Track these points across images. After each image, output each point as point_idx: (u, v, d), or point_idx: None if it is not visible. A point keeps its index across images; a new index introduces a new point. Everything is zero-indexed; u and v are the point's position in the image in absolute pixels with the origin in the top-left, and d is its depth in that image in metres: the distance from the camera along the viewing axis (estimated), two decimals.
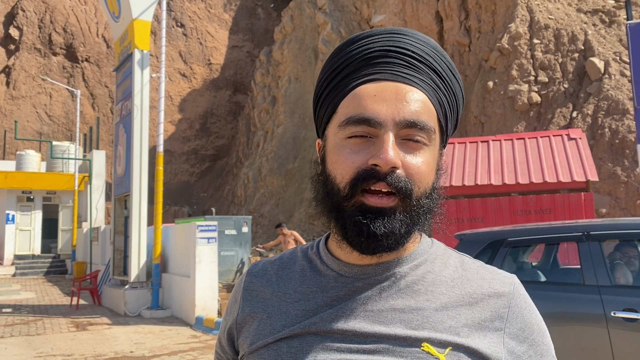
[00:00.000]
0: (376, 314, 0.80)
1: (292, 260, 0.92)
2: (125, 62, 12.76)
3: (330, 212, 0.82)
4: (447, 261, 0.87)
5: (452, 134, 0.91)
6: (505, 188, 9.30)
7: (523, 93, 17.29)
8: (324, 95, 0.86)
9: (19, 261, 22.36)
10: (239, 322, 0.90)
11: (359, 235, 0.78)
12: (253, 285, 0.91)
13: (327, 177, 0.82)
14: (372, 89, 0.80)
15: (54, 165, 24.04)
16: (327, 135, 0.85)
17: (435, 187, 0.83)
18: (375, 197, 0.77)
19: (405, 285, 0.82)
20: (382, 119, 0.77)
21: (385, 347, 0.77)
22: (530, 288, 4.67)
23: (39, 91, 36.05)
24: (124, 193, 12.51)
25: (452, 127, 0.90)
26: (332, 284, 0.84)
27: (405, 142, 0.79)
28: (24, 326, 10.29)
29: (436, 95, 0.83)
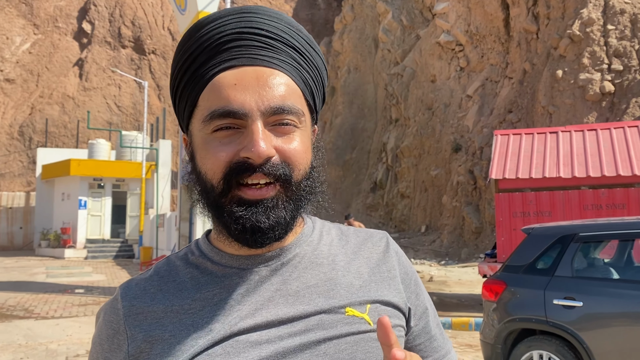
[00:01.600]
0: (294, 296, 0.78)
1: (172, 272, 0.82)
2: None
3: (209, 211, 0.77)
4: (330, 232, 0.89)
5: (322, 107, 0.88)
6: (575, 181, 8.93)
7: (595, 82, 16.49)
8: (180, 87, 0.80)
9: (90, 245, 23.54)
10: (133, 354, 0.75)
11: (243, 232, 0.74)
12: (135, 309, 0.78)
13: (199, 175, 0.77)
14: (231, 78, 0.74)
15: (122, 154, 25.11)
16: (192, 131, 0.79)
17: (314, 166, 0.81)
18: (253, 190, 0.74)
19: (309, 262, 0.82)
20: (247, 109, 0.73)
21: (315, 324, 0.76)
22: (602, 285, 4.48)
23: (109, 83, 37.67)
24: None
25: (320, 102, 0.86)
26: (237, 279, 0.78)
27: (276, 128, 0.75)
28: (95, 307, 10.85)
29: (299, 74, 0.79)
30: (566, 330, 4.46)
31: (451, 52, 24.16)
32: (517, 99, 19.86)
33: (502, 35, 21.91)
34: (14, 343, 7.65)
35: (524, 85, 19.84)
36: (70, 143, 34.00)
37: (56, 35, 38.12)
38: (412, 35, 27.73)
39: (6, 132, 34.17)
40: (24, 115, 35.08)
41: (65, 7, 38.98)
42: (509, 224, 8.94)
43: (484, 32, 22.61)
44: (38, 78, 36.44)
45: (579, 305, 4.43)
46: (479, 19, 22.86)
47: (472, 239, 19.02)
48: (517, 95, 19.94)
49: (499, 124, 19.79)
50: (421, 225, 23.67)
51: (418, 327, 0.88)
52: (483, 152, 19.95)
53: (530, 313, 4.70)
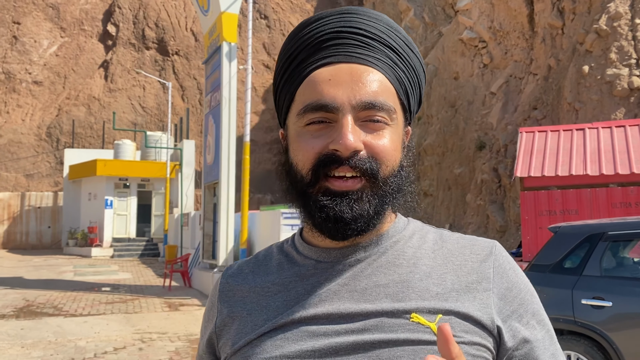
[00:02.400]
0: (360, 293, 0.78)
1: (267, 256, 0.90)
2: (214, 54, 13.22)
3: (297, 201, 0.81)
4: (426, 236, 0.86)
5: (418, 110, 0.88)
6: (602, 179, 8.78)
7: (623, 77, 16.14)
8: (281, 84, 0.85)
9: (116, 244, 23.92)
10: (218, 326, 0.86)
11: (327, 221, 0.76)
12: (229, 285, 0.88)
13: (290, 166, 0.81)
14: (326, 74, 0.78)
15: (147, 154, 25.44)
16: (288, 124, 0.84)
17: (403, 166, 0.82)
18: (339, 181, 0.76)
19: (387, 261, 0.81)
20: (338, 103, 0.76)
21: (374, 324, 0.75)
22: (632, 285, 4.40)
23: (134, 84, 38.18)
24: (213, 181, 13.02)
25: (416, 104, 0.87)
26: (312, 271, 0.82)
27: (366, 124, 0.77)
28: (122, 304, 11.03)
29: (394, 72, 0.81)
30: (595, 331, 4.39)
31: (474, 48, 23.91)
32: (542, 96, 19.55)
33: (526, 31, 21.59)
34: (44, 340, 7.83)
35: (549, 82, 19.52)
36: (96, 144, 34.58)
37: (82, 38, 38.79)
38: (434, 33, 27.53)
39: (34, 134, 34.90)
40: (52, 117, 35.79)
41: (91, 10, 39.63)
42: (534, 223, 8.82)
43: (508, 28, 22.31)
44: (65, 80, 37.13)
45: (609, 305, 4.35)
46: (502, 15, 22.56)
47: (497, 237, 18.79)
48: (542, 92, 19.63)
49: (523, 121, 19.52)
50: (445, 224, 23.48)
51: (519, 353, 0.78)
52: (507, 149, 19.69)
53: (557, 313, 4.63)
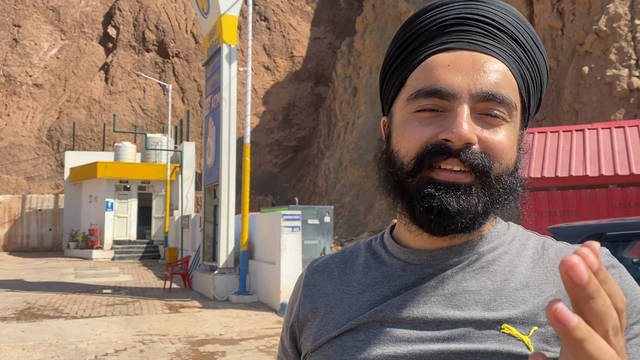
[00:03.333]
0: (448, 298, 0.72)
1: (354, 253, 0.86)
2: (214, 56, 13.24)
3: (394, 190, 0.75)
4: (526, 242, 0.78)
5: (535, 114, 0.82)
6: (602, 180, 8.79)
7: (622, 78, 16.17)
8: (392, 69, 0.79)
9: (117, 246, 23.93)
10: (301, 319, 0.84)
11: (428, 212, 0.69)
12: (314, 280, 0.86)
13: (391, 154, 0.75)
14: (445, 59, 0.72)
15: (147, 156, 25.47)
16: (394, 111, 0.78)
17: (518, 167, 0.75)
18: (446, 172, 0.70)
19: (480, 266, 0.74)
20: (456, 90, 0.70)
21: (461, 333, 0.69)
22: None
23: (134, 86, 38.25)
24: (214, 183, 13.04)
25: (535, 106, 0.80)
26: (399, 272, 0.77)
27: (482, 117, 0.71)
28: (123, 306, 11.04)
29: (518, 67, 0.74)
30: None
31: None
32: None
33: None
34: (45, 342, 7.84)
35: (549, 83, 19.56)
36: (96, 146, 34.64)
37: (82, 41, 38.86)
38: None
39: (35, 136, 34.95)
40: (52, 120, 35.86)
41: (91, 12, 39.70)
42: (535, 223, 8.83)
43: None
44: (65, 83, 37.20)
45: None
46: None
47: None
48: None
49: None
50: None
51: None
52: None
53: None
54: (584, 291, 0.38)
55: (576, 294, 0.38)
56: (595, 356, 0.38)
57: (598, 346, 0.38)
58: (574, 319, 0.37)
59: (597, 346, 0.38)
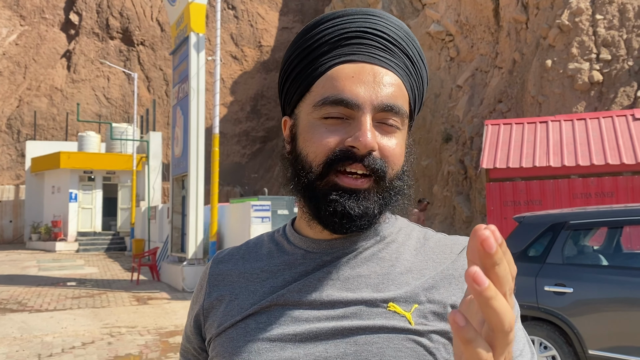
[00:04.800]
0: (343, 282, 0.80)
1: (258, 244, 0.92)
2: (181, 45, 13.05)
3: (302, 191, 0.81)
4: (411, 233, 0.88)
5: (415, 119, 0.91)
6: (564, 170, 9.05)
7: (584, 72, 16.61)
8: (294, 73, 0.84)
9: (81, 238, 23.45)
10: (206, 308, 0.88)
11: (333, 215, 0.78)
12: (219, 270, 0.91)
13: (298, 156, 0.82)
14: (350, 70, 0.79)
15: (113, 147, 24.96)
16: (299, 114, 0.84)
17: (405, 170, 0.84)
18: (349, 179, 0.78)
19: (371, 254, 0.83)
20: (360, 101, 0.77)
21: (353, 312, 0.77)
22: (592, 272, 4.58)
23: (98, 74, 37.34)
24: (182, 173, 12.89)
25: (416, 113, 0.90)
26: (300, 260, 0.85)
27: (380, 126, 0.79)
28: (89, 299, 10.86)
29: (409, 79, 0.83)
30: (557, 316, 4.56)
31: (441, 42, 24.21)
32: (506, 89, 19.97)
33: (491, 25, 21.98)
34: (8, 336, 7.66)
35: (513, 75, 19.95)
36: (59, 136, 33.74)
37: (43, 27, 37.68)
38: None
39: None
40: (12, 108, 34.73)
41: None
42: (499, 213, 9.05)
43: (474, 22, 22.66)
44: (25, 70, 36.05)
45: (569, 291, 4.53)
46: (468, 9, 22.90)
47: (463, 228, 19.17)
48: (506, 85, 20.05)
49: (489, 113, 19.90)
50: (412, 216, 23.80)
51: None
52: (473, 142, 20.07)
53: (522, 300, 4.79)
54: (492, 259, 0.46)
55: (486, 261, 0.46)
56: (499, 310, 0.46)
57: (502, 303, 0.46)
58: (487, 280, 0.45)
59: (501, 303, 0.46)
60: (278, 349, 0.77)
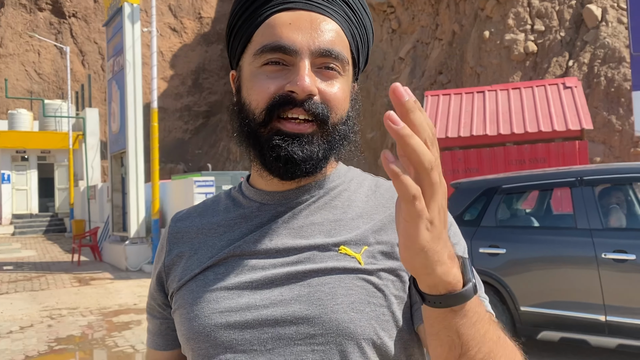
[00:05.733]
0: (297, 230, 0.83)
1: (215, 201, 0.95)
2: (115, 16, 12.51)
3: (247, 140, 0.83)
4: (363, 182, 0.91)
5: (363, 68, 0.93)
6: (500, 138, 9.36)
7: (519, 42, 17.11)
8: (237, 25, 0.86)
9: (17, 220, 22.48)
10: (167, 265, 0.91)
11: (277, 160, 0.79)
12: (177, 228, 0.93)
13: (243, 106, 0.83)
14: (287, 18, 0.80)
15: (46, 124, 23.84)
16: (242, 65, 0.85)
17: (350, 116, 0.85)
18: (292, 124, 0.79)
19: (324, 202, 0.86)
20: (297, 46, 0.78)
21: (306, 257, 0.81)
22: (523, 233, 4.80)
23: (27, 49, 35.37)
24: (120, 150, 12.50)
25: (364, 62, 0.91)
26: (256, 213, 0.87)
27: (321, 71, 0.80)
28: (27, 282, 10.48)
29: (349, 27, 0.84)
30: (491, 276, 4.76)
31: (383, 14, 24.29)
32: (447, 61, 20.33)
33: None
34: None
35: (453, 47, 20.31)
36: None
37: None
38: None
39: None
40: None
41: None
42: None
43: None
44: None
45: (502, 252, 4.73)
46: None
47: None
48: (447, 57, 20.41)
49: (430, 85, 20.26)
50: None
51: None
52: None
53: None
54: (405, 106, 0.50)
55: (400, 109, 0.51)
56: (417, 148, 0.50)
57: (419, 142, 0.51)
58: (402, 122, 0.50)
59: (418, 142, 0.50)
60: (235, 296, 0.80)
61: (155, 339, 0.96)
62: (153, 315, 0.95)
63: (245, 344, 0.78)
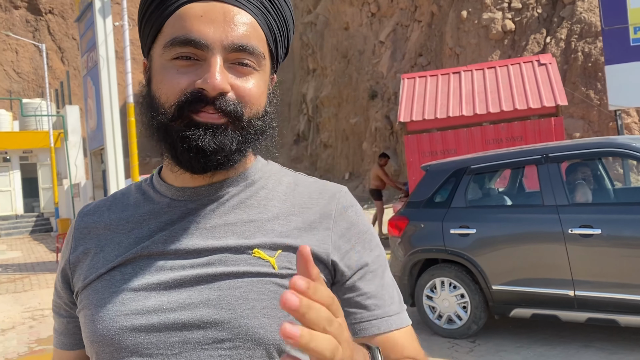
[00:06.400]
0: (209, 230, 0.80)
1: (125, 195, 0.91)
2: (86, 11, 12.33)
3: (158, 133, 0.79)
4: (282, 179, 0.89)
5: (284, 59, 0.90)
6: (477, 118, 9.37)
7: (497, 21, 17.09)
8: (148, 12, 0.81)
9: (2, 222, 22.30)
10: (72, 262, 0.87)
11: (188, 152, 0.76)
12: (84, 223, 0.89)
13: (152, 99, 0.79)
14: (199, 9, 0.76)
15: (27, 124, 23.58)
16: (153, 55, 0.81)
17: (267, 111, 0.83)
18: (205, 114, 0.75)
19: (239, 201, 0.83)
20: (209, 41, 0.74)
21: (218, 259, 0.78)
22: (492, 213, 4.82)
23: (4, 48, 34.86)
24: (99, 147, 12.40)
25: (283, 53, 0.88)
26: (165, 209, 0.84)
27: (234, 67, 0.77)
28: (10, 284, 10.41)
29: (265, 19, 0.80)
30: (462, 257, 4.79)
31: None
32: (426, 42, 20.28)
33: None
34: None
35: (432, 28, 20.26)
36: None
37: None
38: None
39: None
40: None
41: None
42: (418, 164, 9.29)
43: None
44: None
45: (472, 232, 4.75)
46: None
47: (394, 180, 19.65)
48: (426, 39, 20.36)
49: (410, 68, 20.22)
50: (345, 173, 24.12)
51: (355, 277, 0.83)
52: (397, 97, 20.39)
53: (431, 244, 5.00)
54: (298, 312, 0.48)
55: (294, 314, 0.48)
56: (318, 349, 0.48)
57: (320, 341, 0.49)
58: (297, 332, 0.47)
59: (317, 342, 0.48)
60: (142, 298, 0.77)
61: (61, 338, 0.93)
62: (59, 313, 0.92)
63: (151, 348, 0.76)
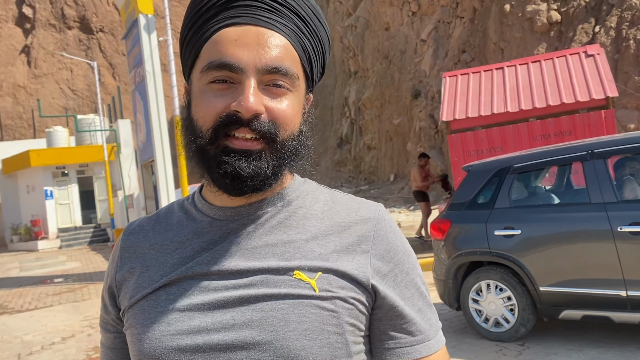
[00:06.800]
0: (250, 251, 0.82)
1: (169, 213, 0.93)
2: (132, 28, 12.78)
3: (196, 156, 0.82)
4: (318, 197, 0.90)
5: (320, 79, 0.91)
6: (522, 114, 9.12)
7: (542, 13, 16.61)
8: (187, 38, 0.85)
9: (63, 234, 23.30)
10: (118, 280, 0.90)
11: (224, 177, 0.79)
12: (129, 242, 0.92)
13: (191, 122, 0.82)
14: (233, 33, 0.79)
15: (82, 139, 24.61)
16: (192, 79, 0.84)
17: (302, 131, 0.85)
18: (240, 140, 0.78)
19: (278, 221, 0.85)
20: (243, 64, 0.77)
21: (260, 280, 0.80)
22: (538, 212, 4.69)
23: (60, 67, 36.50)
24: (149, 159, 12.80)
25: (319, 73, 0.90)
26: (207, 228, 0.86)
27: (269, 88, 0.79)
28: (70, 294, 10.88)
29: (299, 40, 0.82)
30: (508, 258, 4.68)
31: None
32: (469, 38, 19.92)
33: None
34: None
35: (475, 24, 19.88)
36: (27, 134, 33.16)
37: None
38: None
39: None
40: None
41: None
42: (463, 164, 9.14)
43: None
44: None
45: (517, 233, 4.64)
46: None
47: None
48: (469, 35, 20.00)
49: (454, 65, 19.90)
50: (389, 175, 23.97)
51: (390, 306, 0.84)
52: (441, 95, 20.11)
53: (474, 246, 4.90)
54: None
55: None
56: None
57: None
58: None
59: None
60: (187, 318, 0.80)
61: (108, 352, 0.96)
62: (107, 329, 0.95)
63: None
